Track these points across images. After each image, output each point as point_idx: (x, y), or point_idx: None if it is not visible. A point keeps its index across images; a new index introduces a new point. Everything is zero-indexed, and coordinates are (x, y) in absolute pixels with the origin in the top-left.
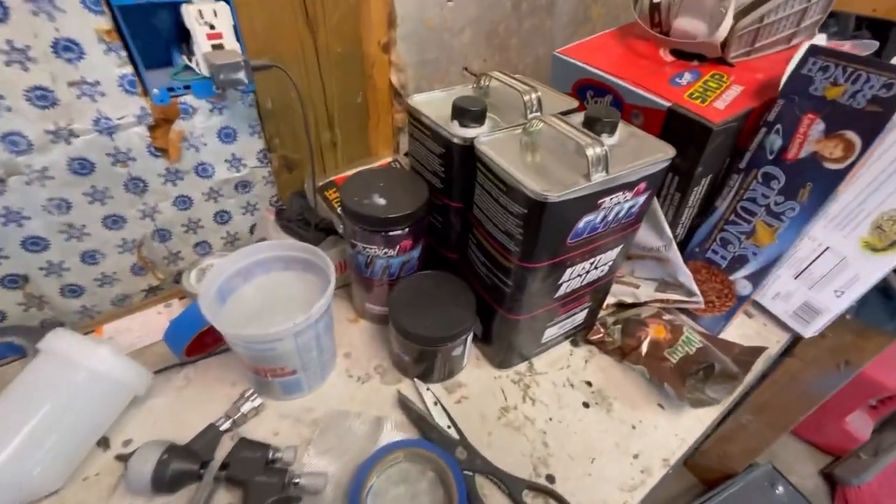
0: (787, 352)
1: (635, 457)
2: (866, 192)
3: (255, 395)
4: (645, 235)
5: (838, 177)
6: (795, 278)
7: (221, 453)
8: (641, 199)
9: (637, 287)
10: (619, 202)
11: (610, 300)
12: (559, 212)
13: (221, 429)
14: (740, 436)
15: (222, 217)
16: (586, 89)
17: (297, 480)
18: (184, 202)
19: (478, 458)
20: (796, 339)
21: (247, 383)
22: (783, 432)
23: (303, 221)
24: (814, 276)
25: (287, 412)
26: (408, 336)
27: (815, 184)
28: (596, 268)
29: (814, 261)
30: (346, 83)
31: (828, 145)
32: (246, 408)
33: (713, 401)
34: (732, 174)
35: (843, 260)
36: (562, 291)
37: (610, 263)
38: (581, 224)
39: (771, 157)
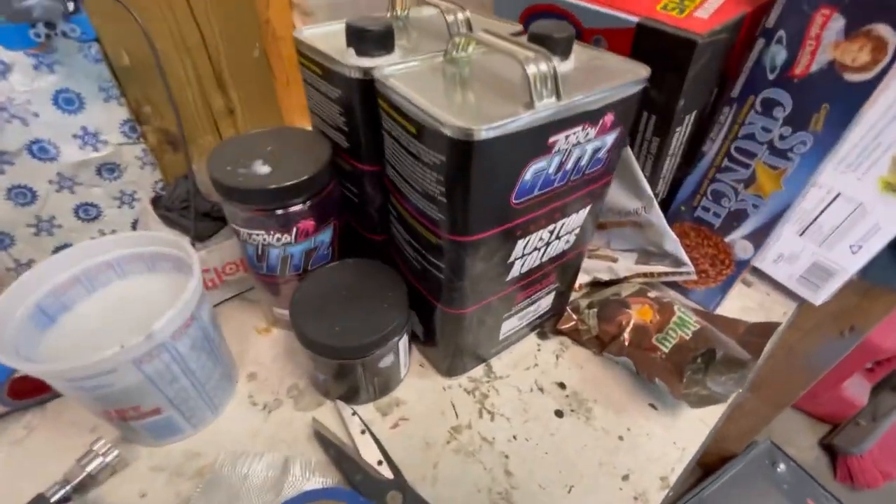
0: None
1: (625, 478)
2: (884, 120)
3: (110, 447)
4: (618, 196)
5: (865, 92)
6: (801, 235)
7: None
8: (610, 138)
9: (614, 260)
10: (579, 141)
11: (582, 278)
12: (494, 156)
13: (53, 500)
14: (738, 415)
15: (87, 212)
16: (536, 18)
17: None
18: (22, 195)
19: None
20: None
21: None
22: (783, 408)
23: (188, 209)
24: (823, 230)
25: (163, 462)
26: (314, 347)
27: (834, 104)
28: (558, 237)
29: (822, 212)
30: (235, 32)
31: (850, 49)
32: (94, 466)
33: (718, 396)
34: (723, 107)
35: (860, 207)
36: (516, 272)
37: (577, 231)
38: (528, 174)
39: (773, 77)
